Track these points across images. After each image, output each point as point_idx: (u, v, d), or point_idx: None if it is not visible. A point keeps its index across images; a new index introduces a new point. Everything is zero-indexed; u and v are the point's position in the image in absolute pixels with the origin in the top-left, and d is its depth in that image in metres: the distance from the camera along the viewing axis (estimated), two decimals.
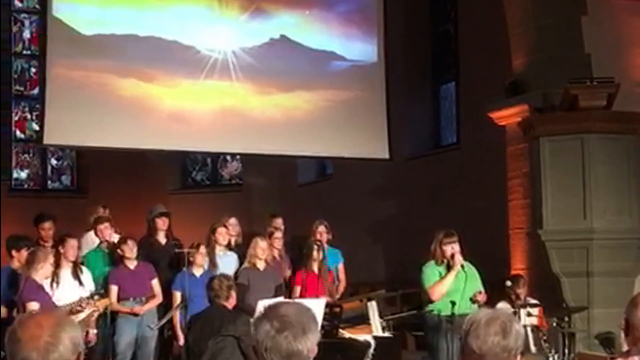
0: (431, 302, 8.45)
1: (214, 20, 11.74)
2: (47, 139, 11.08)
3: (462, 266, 8.40)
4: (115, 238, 9.98)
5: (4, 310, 8.54)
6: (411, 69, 14.57)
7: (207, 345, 7.32)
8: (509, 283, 9.34)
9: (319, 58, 12.29)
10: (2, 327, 8.23)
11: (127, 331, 9.39)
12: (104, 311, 9.07)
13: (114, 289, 9.43)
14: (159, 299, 9.62)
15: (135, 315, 9.40)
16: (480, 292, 8.36)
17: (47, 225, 10.07)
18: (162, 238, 10.34)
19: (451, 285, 8.37)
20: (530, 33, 11.08)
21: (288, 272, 10.33)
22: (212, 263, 9.87)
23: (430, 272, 8.50)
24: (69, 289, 8.76)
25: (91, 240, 10.17)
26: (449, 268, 8.42)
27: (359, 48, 12.61)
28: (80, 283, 8.98)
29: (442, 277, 8.41)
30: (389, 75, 12.76)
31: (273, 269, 9.84)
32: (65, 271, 8.88)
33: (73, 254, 8.96)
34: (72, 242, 9.02)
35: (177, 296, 9.46)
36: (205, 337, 7.41)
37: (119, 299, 9.44)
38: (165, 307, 9.69)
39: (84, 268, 9.23)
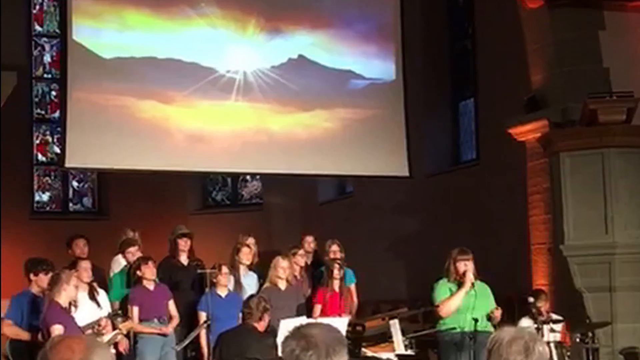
0: (441, 318, 8.45)
1: (233, 41, 11.80)
2: (69, 162, 11.14)
3: (473, 284, 8.37)
4: None
5: (27, 334, 8.56)
6: (430, 86, 14.58)
7: None
8: (531, 299, 9.30)
9: (338, 77, 12.32)
10: (28, 351, 8.31)
11: (150, 352, 9.38)
12: (127, 333, 9.11)
13: (135, 310, 9.45)
14: (176, 320, 9.64)
15: (164, 335, 9.40)
16: (497, 309, 8.33)
17: (81, 242, 10.16)
18: (183, 259, 10.35)
19: (461, 302, 8.36)
20: (548, 48, 11.08)
21: (308, 291, 10.32)
22: (238, 283, 9.88)
23: (441, 288, 8.51)
24: (87, 311, 8.77)
25: (119, 264, 10.21)
26: (460, 286, 8.41)
27: (378, 66, 12.63)
28: (98, 305, 9.01)
29: (452, 294, 8.40)
30: (408, 93, 12.77)
31: (294, 288, 9.84)
32: (82, 294, 8.89)
33: (87, 275, 8.98)
34: (84, 265, 9.05)
35: (203, 316, 9.46)
36: (232, 356, 7.41)
37: (139, 320, 9.46)
38: (186, 327, 9.70)
39: (100, 290, 9.26)
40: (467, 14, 14.43)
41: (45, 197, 17.54)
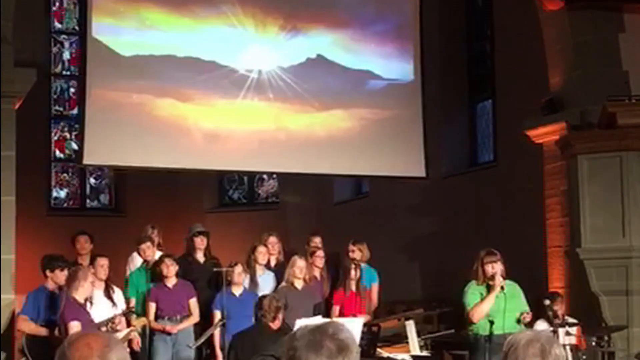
0: (473, 323, 8.43)
1: (251, 40, 11.81)
2: (87, 159, 11.18)
3: (502, 287, 8.34)
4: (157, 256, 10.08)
5: (45, 329, 8.61)
6: (447, 87, 14.56)
7: None
8: (547, 302, 9.27)
9: (356, 77, 12.32)
10: (45, 347, 8.36)
11: (162, 351, 9.43)
12: (142, 330, 9.16)
13: (152, 307, 9.50)
14: (195, 318, 9.66)
15: (168, 334, 9.44)
16: (528, 313, 8.31)
17: (82, 239, 10.20)
18: (200, 257, 10.39)
19: (493, 305, 8.33)
20: (567, 50, 11.06)
21: (327, 291, 10.33)
22: (254, 282, 9.91)
23: (471, 293, 8.45)
24: (102, 308, 8.83)
25: (138, 260, 10.27)
26: (489, 288, 8.38)
27: (396, 67, 12.62)
28: (113, 303, 9.05)
29: (482, 299, 8.36)
30: (426, 94, 12.76)
31: (311, 288, 9.86)
32: (98, 291, 8.95)
33: (104, 273, 9.03)
34: (102, 262, 9.11)
35: (217, 315, 9.51)
36: (247, 355, 7.44)
37: (156, 317, 9.51)
38: (201, 325, 9.74)
39: (115, 287, 9.30)
40: (486, 15, 14.40)
41: (62, 193, 17.60)
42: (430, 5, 13.42)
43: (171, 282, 9.62)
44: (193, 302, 9.66)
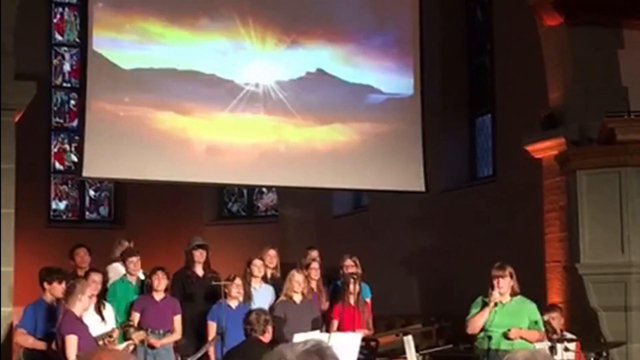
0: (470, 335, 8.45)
1: (252, 54, 11.83)
2: (86, 172, 11.18)
3: (496, 304, 8.33)
4: (141, 272, 10.07)
5: (42, 343, 8.59)
6: (447, 101, 14.59)
7: None
8: (545, 317, 9.26)
9: (356, 91, 12.33)
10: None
11: None
12: (140, 343, 9.13)
13: (136, 316, 9.48)
14: (177, 335, 9.64)
15: (151, 347, 9.42)
16: (509, 330, 8.27)
17: (82, 252, 10.17)
18: (199, 270, 10.37)
19: (489, 319, 8.32)
20: (566, 66, 11.09)
21: (326, 305, 10.32)
22: (247, 295, 9.90)
23: (473, 305, 8.48)
24: (91, 323, 8.73)
25: (118, 271, 10.24)
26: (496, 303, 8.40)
27: (395, 81, 12.64)
28: (102, 318, 9.00)
29: (478, 312, 8.38)
30: (425, 108, 12.77)
31: (310, 302, 9.85)
32: (90, 305, 8.91)
33: (95, 288, 8.95)
34: (95, 277, 9.04)
35: (212, 327, 9.49)
36: None
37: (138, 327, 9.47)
38: (198, 338, 9.72)
39: (107, 304, 9.26)
40: (486, 30, 14.45)
41: (62, 205, 17.63)
42: (430, 19, 13.45)
43: (159, 295, 9.60)
44: (177, 319, 9.64)
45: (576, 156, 10.41)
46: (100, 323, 8.87)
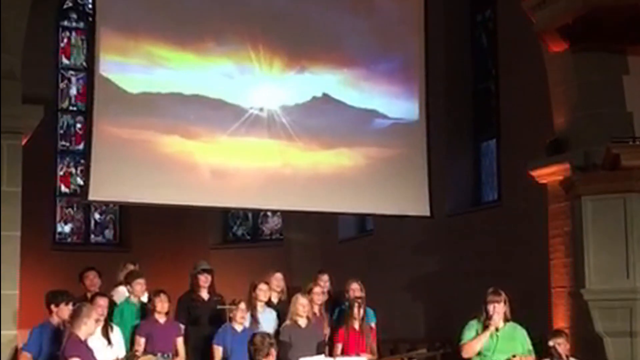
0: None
1: (258, 78, 11.86)
2: (92, 195, 11.17)
3: (497, 328, 8.35)
4: (145, 295, 10.06)
5: None
6: (452, 126, 14.62)
7: None
8: (551, 343, 9.25)
9: (361, 116, 12.36)
10: None
11: None
12: None
13: (141, 341, 9.46)
14: (181, 358, 9.63)
15: None
16: (514, 356, 8.28)
17: (92, 274, 10.19)
18: (204, 294, 10.37)
19: (489, 345, 8.33)
20: (571, 91, 11.11)
21: (327, 330, 10.30)
22: (254, 319, 9.89)
23: (467, 329, 8.48)
24: (98, 347, 8.72)
25: (123, 294, 10.24)
26: (485, 328, 8.40)
27: (401, 106, 12.66)
28: (109, 342, 8.98)
29: (475, 336, 8.38)
30: (430, 133, 12.79)
31: (315, 325, 9.85)
32: (96, 329, 8.89)
33: (101, 312, 8.94)
34: (101, 302, 9.01)
35: (218, 351, 9.50)
36: None
37: (144, 352, 9.44)
38: None
39: (115, 327, 9.25)
40: (491, 55, 14.50)
41: (67, 228, 17.66)
42: (436, 45, 13.51)
43: (163, 318, 9.60)
44: (180, 342, 9.64)
45: (581, 182, 10.40)
46: (107, 347, 8.85)
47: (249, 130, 11.74)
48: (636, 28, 10.33)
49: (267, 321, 10.04)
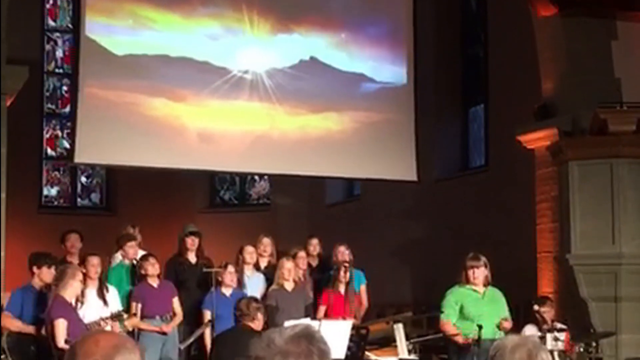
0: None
1: (245, 41, 11.81)
2: (78, 157, 11.15)
3: (477, 292, 8.43)
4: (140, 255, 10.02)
5: (29, 327, 8.55)
6: (440, 91, 14.59)
7: None
8: (536, 307, 9.29)
9: (349, 80, 12.32)
10: (28, 346, 8.34)
11: (152, 350, 9.35)
12: (132, 331, 9.11)
13: (137, 307, 9.44)
14: (179, 317, 9.61)
15: (164, 333, 9.39)
16: (506, 320, 8.33)
17: (73, 237, 10.10)
18: (192, 257, 10.34)
19: (473, 310, 8.36)
20: (560, 57, 11.09)
21: (310, 294, 10.28)
22: (240, 283, 9.89)
23: (447, 303, 8.50)
24: (94, 308, 8.73)
25: (118, 258, 10.21)
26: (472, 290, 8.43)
27: (389, 70, 12.63)
28: (105, 302, 8.95)
29: (455, 333, 8.37)
30: (418, 98, 12.76)
31: (302, 289, 9.86)
32: (90, 290, 8.86)
33: (94, 272, 8.92)
34: (93, 261, 8.97)
35: (207, 315, 9.48)
36: (229, 357, 7.43)
37: (142, 317, 9.43)
38: (191, 326, 9.71)
39: (110, 287, 9.22)
40: (480, 20, 14.45)
41: (53, 191, 17.60)
42: (425, 9, 13.43)
43: (155, 281, 9.57)
44: (176, 301, 9.61)
45: (568, 147, 10.41)
46: (103, 307, 8.81)
47: (236, 93, 11.69)
48: None
49: (255, 285, 10.03)
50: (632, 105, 10.10)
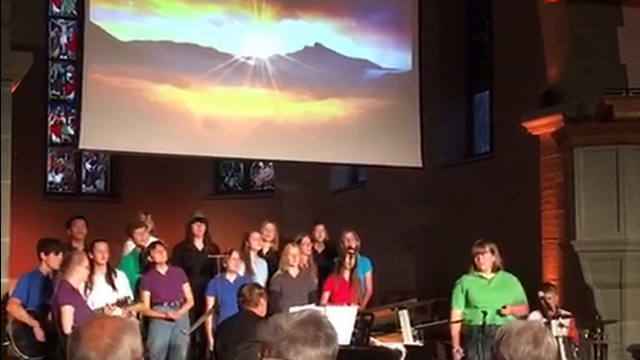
0: None
1: (250, 27, 11.79)
2: (83, 144, 11.16)
3: (485, 278, 8.43)
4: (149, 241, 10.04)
5: (35, 322, 8.55)
6: (445, 77, 14.55)
7: (235, 350, 7.36)
8: (541, 293, 9.29)
9: (354, 66, 12.30)
10: (32, 334, 8.37)
11: (161, 336, 9.39)
12: (137, 316, 9.12)
13: (146, 295, 9.45)
14: (190, 303, 9.62)
15: (171, 320, 9.40)
16: (504, 307, 8.31)
17: (79, 223, 10.12)
18: (198, 244, 10.35)
19: (478, 296, 8.37)
20: (565, 43, 11.05)
21: (315, 280, 10.29)
22: (248, 269, 9.90)
23: (455, 292, 8.53)
24: (102, 294, 8.75)
25: (130, 246, 10.22)
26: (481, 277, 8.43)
27: (394, 56, 12.61)
28: (114, 288, 8.96)
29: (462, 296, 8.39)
30: (423, 84, 12.74)
31: (306, 275, 9.87)
32: (99, 276, 8.89)
33: (102, 257, 8.93)
34: (101, 247, 8.98)
35: (211, 301, 9.49)
36: (233, 343, 7.45)
37: (151, 304, 9.45)
38: (196, 312, 9.73)
39: (119, 272, 9.22)
40: (485, 6, 14.40)
41: (58, 178, 17.61)
42: None
43: (164, 268, 9.57)
44: (187, 287, 9.62)
45: (573, 133, 10.40)
46: (112, 293, 8.82)
47: (241, 79, 11.68)
48: None
49: (258, 271, 10.05)
50: (637, 91, 10.08)
